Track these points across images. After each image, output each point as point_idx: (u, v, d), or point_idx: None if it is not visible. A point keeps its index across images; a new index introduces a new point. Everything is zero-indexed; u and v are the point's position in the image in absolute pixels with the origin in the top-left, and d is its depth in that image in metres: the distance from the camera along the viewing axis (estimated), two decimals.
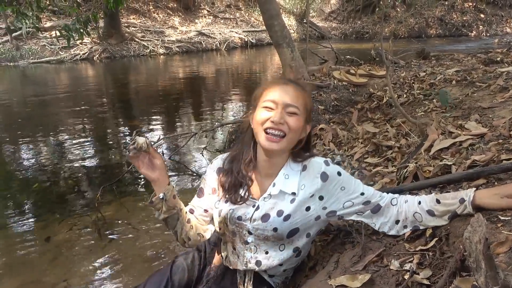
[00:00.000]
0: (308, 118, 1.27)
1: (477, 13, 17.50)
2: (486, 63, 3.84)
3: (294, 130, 1.20)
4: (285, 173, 1.26)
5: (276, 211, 1.23)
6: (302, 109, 1.22)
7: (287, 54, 4.09)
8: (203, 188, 1.37)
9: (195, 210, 1.38)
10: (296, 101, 1.21)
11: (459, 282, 0.91)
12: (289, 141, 1.22)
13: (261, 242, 1.28)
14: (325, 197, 1.25)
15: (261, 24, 15.56)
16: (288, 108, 1.20)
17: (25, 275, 2.24)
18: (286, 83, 1.25)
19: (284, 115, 1.19)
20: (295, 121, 1.20)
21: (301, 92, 1.25)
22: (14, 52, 11.02)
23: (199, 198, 1.37)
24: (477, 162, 1.66)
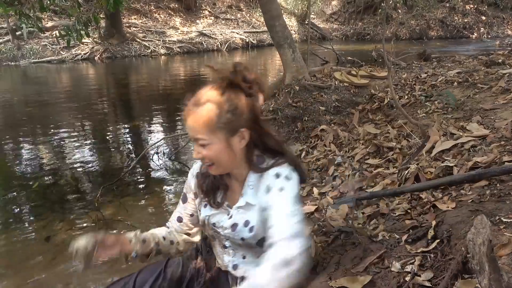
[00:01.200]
0: (229, 129, 1.09)
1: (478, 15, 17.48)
2: (487, 65, 3.84)
3: (214, 158, 1.12)
4: (250, 184, 1.20)
5: (244, 221, 1.19)
6: (209, 134, 1.09)
7: (288, 55, 4.09)
8: (186, 193, 1.35)
9: (183, 218, 1.37)
10: (199, 130, 1.09)
11: (461, 284, 0.90)
12: (220, 166, 1.15)
13: (238, 247, 1.26)
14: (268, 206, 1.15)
15: (262, 25, 15.55)
16: (197, 142, 1.11)
17: (25, 275, 2.23)
18: (188, 112, 1.10)
19: (198, 148, 1.12)
20: (209, 151, 1.10)
21: (203, 113, 1.08)
22: (15, 52, 11.02)
23: (184, 204, 1.36)
24: (479, 163, 1.65)
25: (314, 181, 2.45)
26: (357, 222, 1.62)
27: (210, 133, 1.09)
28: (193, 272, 1.41)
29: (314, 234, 1.68)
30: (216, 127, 1.08)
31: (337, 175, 2.39)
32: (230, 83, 1.10)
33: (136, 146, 4.59)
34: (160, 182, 3.54)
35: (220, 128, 1.09)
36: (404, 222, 1.48)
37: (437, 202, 1.49)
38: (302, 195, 2.28)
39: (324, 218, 1.76)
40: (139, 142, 4.79)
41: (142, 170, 3.82)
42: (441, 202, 1.48)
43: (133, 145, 4.66)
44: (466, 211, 1.32)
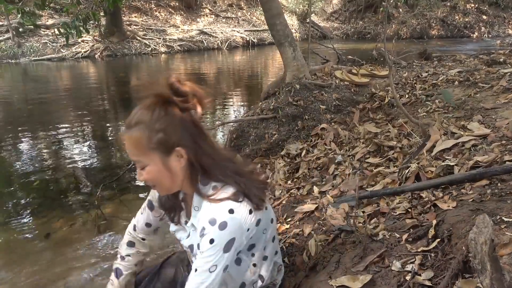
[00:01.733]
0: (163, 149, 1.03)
1: (479, 14, 17.46)
2: (489, 64, 3.83)
3: (154, 180, 1.07)
4: (195, 206, 1.14)
5: (197, 244, 1.14)
6: (143, 155, 1.03)
7: (289, 54, 4.07)
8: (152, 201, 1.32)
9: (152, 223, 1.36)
10: (135, 153, 1.04)
11: (462, 283, 0.89)
12: (162, 187, 1.10)
13: None
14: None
15: (263, 23, 15.53)
16: (137, 164, 1.07)
17: (25, 272, 2.23)
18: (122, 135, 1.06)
19: (140, 171, 1.07)
20: (148, 173, 1.05)
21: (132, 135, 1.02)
22: (15, 50, 11.01)
23: (151, 211, 1.33)
24: (480, 163, 1.65)
25: (314, 180, 2.44)
26: (358, 221, 1.61)
27: (144, 155, 1.03)
28: (185, 274, 1.41)
29: (314, 232, 1.67)
30: (148, 148, 1.02)
31: (337, 174, 2.38)
32: (162, 99, 1.02)
33: None
34: None
35: (153, 149, 1.02)
36: (405, 221, 1.47)
37: (437, 201, 1.49)
38: (302, 194, 2.27)
39: (324, 216, 1.75)
40: None
41: None
42: (442, 201, 1.48)
43: None
44: (467, 210, 1.32)
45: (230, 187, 1.08)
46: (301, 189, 2.34)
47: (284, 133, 3.38)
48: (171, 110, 1.02)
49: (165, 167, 1.05)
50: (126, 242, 1.40)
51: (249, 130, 3.54)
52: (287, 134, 3.37)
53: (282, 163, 2.88)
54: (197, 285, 1.05)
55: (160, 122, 1.01)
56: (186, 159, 1.06)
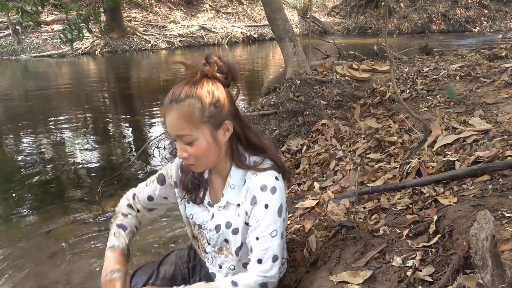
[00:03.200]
0: (214, 123, 1.06)
1: (481, 8, 17.34)
2: (490, 58, 3.81)
3: (200, 155, 1.07)
4: (231, 182, 1.16)
5: (225, 222, 1.17)
6: (194, 129, 1.04)
7: (289, 49, 4.06)
8: (165, 177, 1.30)
9: (154, 198, 1.33)
10: (183, 127, 1.04)
11: (463, 279, 0.89)
12: (205, 163, 1.11)
13: (217, 255, 1.24)
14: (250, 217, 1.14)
15: (264, 19, 15.46)
16: (182, 139, 1.06)
17: (26, 268, 2.24)
18: (168, 109, 1.05)
19: (183, 147, 1.06)
20: (196, 149, 1.06)
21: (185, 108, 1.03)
22: (15, 46, 11.00)
23: (160, 186, 1.30)
24: (481, 158, 1.64)
25: (315, 176, 2.44)
26: (358, 216, 1.61)
27: (195, 128, 1.04)
28: (185, 271, 1.41)
29: (315, 228, 1.67)
30: (200, 122, 1.04)
31: (338, 169, 2.38)
32: (206, 76, 1.07)
33: (137, 141, 4.59)
34: None
35: (205, 122, 1.05)
36: (406, 216, 1.47)
37: (438, 196, 1.48)
38: (303, 189, 2.27)
39: (325, 212, 1.75)
40: (140, 136, 4.78)
41: (143, 164, 3.82)
42: (443, 196, 1.47)
43: (134, 140, 4.66)
44: (468, 206, 1.32)
45: (268, 160, 1.15)
46: (302, 185, 2.34)
47: (285, 129, 3.38)
48: (217, 85, 1.08)
49: (214, 140, 1.08)
50: (125, 204, 1.37)
51: None
52: (288, 130, 3.36)
53: (283, 159, 2.88)
54: (262, 251, 1.09)
55: (210, 96, 1.05)
56: (231, 132, 1.11)
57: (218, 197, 1.21)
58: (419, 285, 1.08)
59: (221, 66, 1.08)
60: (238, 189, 1.15)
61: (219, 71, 1.08)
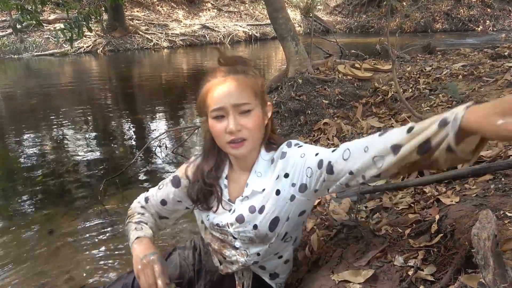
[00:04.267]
0: (263, 100, 1.10)
1: (484, 7, 17.26)
2: (493, 57, 3.79)
3: (255, 129, 1.07)
4: (257, 170, 1.14)
5: (248, 208, 1.14)
6: (253, 99, 1.06)
7: (291, 48, 4.06)
8: (181, 179, 1.24)
9: (168, 203, 1.28)
10: (243, 95, 1.04)
11: (465, 279, 0.89)
12: (254, 140, 1.09)
13: (249, 245, 1.20)
14: (290, 173, 1.11)
15: (266, 17, 15.45)
16: (239, 109, 1.04)
17: (28, 267, 2.24)
18: (225, 78, 1.05)
19: (238, 119, 1.04)
20: (252, 120, 1.05)
21: (244, 78, 1.06)
22: (18, 45, 11.03)
23: (174, 189, 1.25)
24: (484, 157, 1.64)
25: None
26: (360, 216, 1.61)
27: (254, 97, 1.07)
28: (192, 275, 1.36)
29: (317, 228, 1.67)
30: (258, 93, 1.09)
31: None
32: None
33: (139, 139, 4.59)
34: (163, 175, 3.54)
35: (259, 97, 1.09)
36: (407, 216, 1.47)
37: (440, 196, 1.48)
38: None
39: (327, 212, 1.75)
40: (142, 135, 4.79)
41: (145, 163, 3.83)
42: (445, 196, 1.47)
43: (136, 138, 4.67)
44: (470, 205, 1.31)
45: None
46: None
47: (287, 128, 3.38)
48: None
49: (263, 117, 1.11)
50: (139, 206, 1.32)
51: None
52: (290, 129, 3.36)
53: None
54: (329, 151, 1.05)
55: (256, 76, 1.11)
56: (269, 117, 1.15)
57: (240, 191, 1.18)
58: (421, 284, 1.08)
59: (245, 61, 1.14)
60: (265, 173, 1.14)
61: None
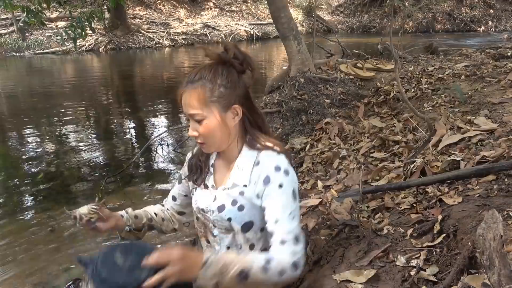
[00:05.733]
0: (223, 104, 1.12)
1: (486, 8, 17.21)
2: (496, 58, 3.78)
3: (209, 134, 1.14)
4: (239, 164, 1.20)
5: (231, 200, 1.20)
6: (204, 109, 1.11)
7: (293, 47, 4.04)
8: (181, 175, 1.39)
9: (177, 198, 1.42)
10: (194, 107, 1.11)
11: (468, 279, 0.88)
12: (214, 143, 1.17)
13: (224, 236, 1.25)
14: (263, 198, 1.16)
15: (268, 17, 15.43)
16: (193, 118, 1.13)
17: (29, 265, 2.24)
18: (182, 89, 1.14)
19: (195, 125, 1.14)
20: (205, 127, 1.12)
21: (196, 89, 1.11)
22: (20, 43, 11.02)
23: (178, 185, 1.41)
24: (487, 158, 1.63)
25: (318, 174, 2.43)
26: (362, 215, 1.60)
27: (205, 107, 1.12)
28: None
29: (318, 227, 1.67)
30: (209, 101, 1.12)
31: (341, 168, 2.37)
32: (222, 61, 1.14)
33: (140, 138, 4.59)
34: (164, 173, 3.54)
35: (213, 102, 1.12)
36: (410, 216, 1.46)
37: (443, 196, 1.47)
38: (306, 188, 2.27)
39: (329, 211, 1.74)
40: (143, 133, 4.79)
41: (146, 161, 3.83)
42: (448, 196, 1.46)
43: (137, 137, 4.67)
44: (473, 205, 1.31)
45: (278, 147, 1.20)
46: (305, 184, 2.33)
47: (288, 127, 3.37)
48: (231, 70, 1.15)
49: (222, 121, 1.14)
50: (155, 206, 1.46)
51: None
52: (291, 128, 3.36)
53: None
54: (284, 233, 1.10)
55: (221, 78, 1.13)
56: (240, 117, 1.17)
57: (224, 180, 1.25)
58: (423, 284, 1.07)
59: (237, 53, 1.15)
60: (247, 170, 1.18)
61: (234, 57, 1.15)
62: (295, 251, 1.09)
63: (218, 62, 1.15)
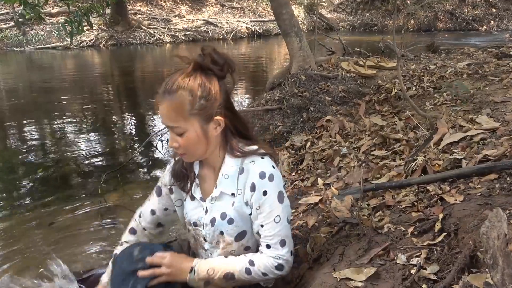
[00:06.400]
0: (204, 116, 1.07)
1: (488, 7, 17.15)
2: (498, 57, 3.77)
3: (189, 146, 1.09)
4: (224, 173, 1.17)
5: (220, 214, 1.18)
6: (183, 121, 1.05)
7: (295, 44, 4.03)
8: (161, 187, 1.32)
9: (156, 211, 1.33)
10: (174, 119, 1.05)
11: (470, 278, 0.88)
12: (193, 153, 1.13)
13: (214, 249, 1.24)
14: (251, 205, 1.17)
15: (269, 14, 15.39)
16: (173, 130, 1.08)
17: (28, 260, 2.24)
18: (160, 100, 1.07)
19: (174, 137, 1.08)
20: (185, 140, 1.07)
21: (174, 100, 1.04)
22: (20, 38, 11.00)
23: (158, 198, 1.33)
24: (489, 156, 1.62)
25: (318, 172, 2.42)
26: (362, 213, 1.60)
27: (184, 120, 1.05)
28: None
29: (318, 225, 1.66)
30: (189, 114, 1.05)
31: (342, 166, 2.36)
32: (200, 67, 1.07)
33: (140, 134, 4.58)
34: (163, 170, 3.52)
35: (194, 115, 1.06)
36: (411, 214, 1.45)
37: (444, 195, 1.46)
38: (307, 185, 2.26)
39: (329, 209, 1.74)
40: (143, 129, 4.78)
41: (146, 157, 3.82)
42: (449, 195, 1.46)
43: (137, 133, 4.66)
44: (475, 204, 1.30)
45: (262, 149, 1.17)
46: (306, 181, 2.33)
47: (289, 125, 3.36)
48: (210, 78, 1.08)
49: (203, 133, 1.09)
50: (129, 228, 1.40)
51: (254, 121, 3.52)
52: (292, 126, 3.35)
53: (286, 154, 2.86)
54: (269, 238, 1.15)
55: (202, 89, 1.06)
56: (222, 127, 1.12)
57: (210, 190, 1.21)
58: (424, 283, 1.06)
59: (216, 58, 1.08)
60: (233, 178, 1.16)
61: (213, 62, 1.07)
62: (279, 255, 1.15)
63: (196, 69, 1.07)
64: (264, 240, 1.16)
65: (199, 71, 1.07)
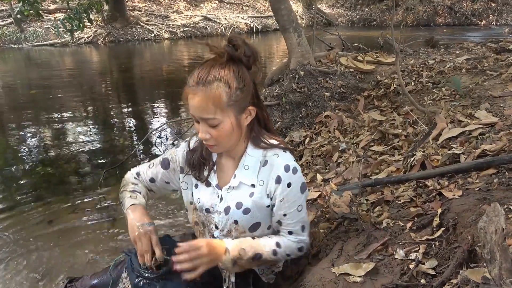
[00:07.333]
0: (239, 107, 1.07)
1: (487, 1, 17.09)
2: (497, 51, 3.75)
3: (221, 138, 1.08)
4: (245, 163, 1.17)
5: (235, 203, 1.18)
6: (219, 112, 1.04)
7: (293, 39, 4.01)
8: (170, 162, 1.30)
9: (156, 181, 1.34)
10: (209, 111, 1.03)
11: (468, 273, 0.88)
12: (225, 145, 1.12)
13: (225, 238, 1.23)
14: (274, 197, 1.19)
15: (267, 10, 15.32)
16: (206, 122, 1.06)
17: (27, 257, 2.24)
18: (193, 91, 1.04)
19: (206, 129, 1.07)
20: (219, 132, 1.07)
21: (210, 91, 1.02)
22: (18, 35, 10.95)
23: (163, 170, 1.32)
24: (487, 151, 1.62)
25: (317, 168, 2.42)
26: (361, 209, 1.60)
27: (221, 112, 1.05)
28: None
29: (317, 220, 1.66)
30: (226, 106, 1.05)
31: (341, 161, 2.36)
32: (231, 58, 1.06)
33: (139, 131, 4.57)
34: None
35: (230, 106, 1.05)
36: (409, 209, 1.46)
37: (443, 190, 1.47)
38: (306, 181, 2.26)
39: (328, 204, 1.74)
40: (142, 126, 4.77)
41: (144, 154, 3.82)
42: (447, 190, 1.46)
43: (136, 130, 4.65)
44: (473, 199, 1.30)
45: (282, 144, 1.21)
46: (304, 177, 2.32)
47: (288, 120, 3.36)
48: (242, 68, 1.08)
49: (237, 124, 1.09)
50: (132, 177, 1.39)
51: None
52: (291, 121, 3.34)
53: None
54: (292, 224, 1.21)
55: (238, 80, 1.06)
56: (252, 117, 1.14)
57: (227, 179, 1.22)
58: (422, 278, 1.07)
59: (246, 49, 1.08)
60: (254, 169, 1.17)
61: (244, 53, 1.08)
62: (301, 239, 1.25)
63: (229, 60, 1.06)
64: (286, 227, 1.22)
65: (231, 62, 1.07)
